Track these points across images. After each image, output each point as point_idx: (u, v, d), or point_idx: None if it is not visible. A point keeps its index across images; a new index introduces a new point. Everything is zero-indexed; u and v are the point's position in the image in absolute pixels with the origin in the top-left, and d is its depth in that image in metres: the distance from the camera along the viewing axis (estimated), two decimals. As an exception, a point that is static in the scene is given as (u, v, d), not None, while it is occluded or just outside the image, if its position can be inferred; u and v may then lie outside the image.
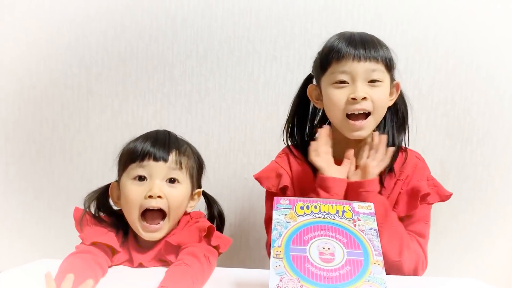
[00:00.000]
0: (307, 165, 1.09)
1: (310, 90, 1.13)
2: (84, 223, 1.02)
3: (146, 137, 1.03)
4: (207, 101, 1.57)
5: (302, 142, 1.16)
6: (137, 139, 1.03)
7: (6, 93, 1.62)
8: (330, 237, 0.76)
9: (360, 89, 0.99)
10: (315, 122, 1.17)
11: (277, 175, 1.13)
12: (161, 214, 0.99)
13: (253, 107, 1.57)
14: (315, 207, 0.81)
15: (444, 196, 1.08)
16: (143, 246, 1.01)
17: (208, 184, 1.16)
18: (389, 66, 1.03)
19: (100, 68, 1.59)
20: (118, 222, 1.03)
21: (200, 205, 1.13)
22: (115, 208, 1.07)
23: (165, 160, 0.98)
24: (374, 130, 1.05)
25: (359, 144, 1.06)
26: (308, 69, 1.54)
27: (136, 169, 0.98)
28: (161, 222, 0.99)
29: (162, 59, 1.56)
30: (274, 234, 0.76)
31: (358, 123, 1.01)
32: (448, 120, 1.52)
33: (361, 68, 0.99)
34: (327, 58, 1.03)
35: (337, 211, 0.81)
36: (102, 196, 1.06)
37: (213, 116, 1.58)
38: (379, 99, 1.01)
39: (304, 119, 1.17)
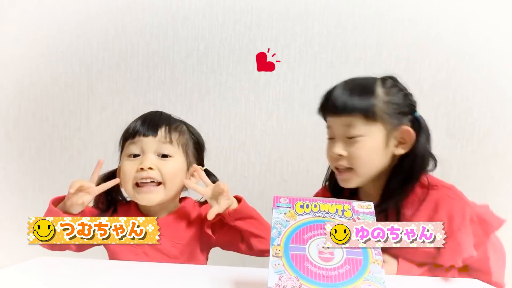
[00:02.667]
0: None
1: None
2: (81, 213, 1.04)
3: (139, 117, 1.09)
4: (208, 99, 1.57)
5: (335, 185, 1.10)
6: (131, 122, 1.08)
7: (6, 92, 1.62)
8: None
9: (336, 146, 0.97)
10: None
11: None
12: (156, 185, 1.02)
13: (254, 106, 1.56)
14: (315, 206, 0.81)
15: (494, 229, 1.01)
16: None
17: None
18: (372, 116, 0.94)
19: (101, 67, 1.59)
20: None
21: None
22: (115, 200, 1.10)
23: (154, 135, 1.03)
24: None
25: (371, 186, 1.02)
26: (308, 68, 1.55)
27: (129, 147, 1.03)
28: (155, 187, 1.02)
29: (162, 58, 1.56)
30: (273, 232, 0.76)
31: (342, 175, 0.99)
32: (449, 120, 1.52)
33: (338, 123, 0.97)
34: (319, 111, 1.03)
35: (337, 210, 0.80)
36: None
37: (213, 115, 1.57)
38: (357, 155, 0.96)
39: None
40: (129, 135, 1.04)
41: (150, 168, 1.00)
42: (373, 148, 0.96)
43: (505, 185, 1.53)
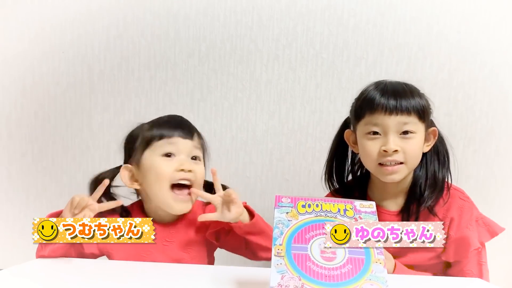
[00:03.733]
0: None
1: (347, 135, 1.15)
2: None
3: (166, 120, 1.08)
4: (209, 99, 1.57)
5: (342, 185, 1.18)
6: (157, 121, 1.08)
7: (8, 92, 1.62)
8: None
9: (392, 142, 1.01)
10: (356, 167, 1.19)
11: None
12: (187, 189, 1.03)
13: (255, 106, 1.56)
14: (317, 206, 0.81)
15: (496, 233, 1.08)
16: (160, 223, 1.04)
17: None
18: (422, 116, 1.04)
19: (103, 67, 1.59)
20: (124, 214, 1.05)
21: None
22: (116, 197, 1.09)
23: (191, 139, 1.04)
24: (414, 171, 1.09)
25: (396, 186, 1.09)
26: (309, 69, 1.55)
27: (164, 146, 1.02)
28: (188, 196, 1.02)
29: (164, 58, 1.56)
30: (275, 232, 0.76)
31: (390, 167, 1.03)
32: (451, 119, 1.51)
33: (393, 121, 1.01)
34: (361, 109, 1.06)
35: (339, 210, 0.80)
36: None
37: (215, 115, 1.58)
38: (411, 151, 1.03)
39: (342, 163, 1.19)
40: (163, 134, 1.03)
41: (189, 171, 1.01)
42: (421, 144, 1.05)
43: (508, 184, 1.53)
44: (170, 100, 1.58)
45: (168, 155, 1.02)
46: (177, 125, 1.05)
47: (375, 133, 1.04)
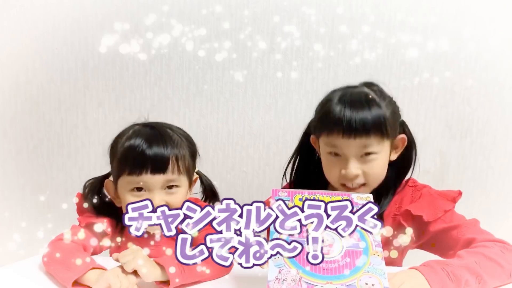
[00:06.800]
0: None
1: (313, 140, 1.08)
2: (84, 209, 1.02)
3: (140, 143, 0.97)
4: (205, 94, 1.56)
5: (305, 179, 1.12)
6: (130, 138, 0.98)
7: (2, 90, 1.61)
8: (329, 229, 0.75)
9: (352, 167, 0.95)
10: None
11: None
12: None
13: (251, 100, 1.56)
14: (314, 199, 0.81)
15: (455, 198, 1.02)
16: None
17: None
18: (385, 131, 0.95)
19: (97, 63, 1.57)
20: (115, 212, 1.03)
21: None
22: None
23: (164, 172, 0.96)
24: None
25: None
26: (306, 62, 1.54)
27: (132, 183, 0.96)
28: None
29: (159, 52, 1.55)
30: (272, 226, 0.76)
31: (352, 188, 0.98)
32: (448, 111, 1.51)
33: (352, 145, 0.94)
34: (319, 126, 1.00)
35: (336, 202, 0.80)
36: (99, 187, 1.06)
37: (211, 110, 1.57)
38: (373, 172, 0.97)
39: (307, 161, 1.12)
40: (132, 170, 0.94)
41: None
42: (385, 161, 0.99)
43: (504, 175, 1.53)
44: (165, 95, 1.57)
45: (138, 189, 0.96)
46: (147, 160, 0.94)
47: (336, 154, 0.97)
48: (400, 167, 1.05)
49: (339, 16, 1.49)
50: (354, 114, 0.93)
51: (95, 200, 1.03)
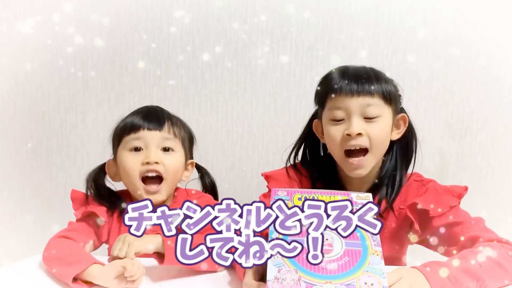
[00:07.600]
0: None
1: (316, 126, 1.09)
2: (80, 203, 1.06)
3: (138, 111, 1.08)
4: (204, 94, 1.56)
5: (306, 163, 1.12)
6: (129, 115, 1.08)
7: (1, 89, 1.60)
8: (328, 228, 0.75)
9: (355, 124, 0.96)
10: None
11: (287, 182, 1.08)
12: (159, 181, 1.03)
13: (251, 100, 1.56)
14: (313, 198, 0.81)
15: (461, 194, 1.01)
16: None
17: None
18: (388, 99, 0.98)
19: (96, 62, 1.57)
20: (115, 200, 1.07)
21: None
22: (112, 188, 1.12)
23: (159, 130, 1.03)
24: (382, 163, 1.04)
25: (361, 181, 1.04)
26: (305, 60, 1.54)
27: (131, 141, 1.04)
28: (159, 185, 1.03)
29: (158, 52, 1.55)
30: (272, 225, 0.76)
31: (356, 161, 0.98)
32: (447, 110, 1.51)
33: (355, 104, 0.96)
34: (323, 95, 1.02)
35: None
36: (98, 175, 1.10)
37: (210, 109, 1.57)
38: (376, 135, 0.97)
39: (311, 149, 1.13)
40: (129, 129, 1.04)
41: (156, 163, 1.01)
42: (387, 129, 1.00)
43: (504, 174, 1.53)
44: (164, 94, 1.57)
45: (136, 149, 1.04)
46: (144, 117, 1.05)
47: (339, 120, 0.98)
48: (404, 157, 1.06)
49: (338, 14, 1.49)
50: (358, 77, 0.97)
51: (95, 187, 1.08)
